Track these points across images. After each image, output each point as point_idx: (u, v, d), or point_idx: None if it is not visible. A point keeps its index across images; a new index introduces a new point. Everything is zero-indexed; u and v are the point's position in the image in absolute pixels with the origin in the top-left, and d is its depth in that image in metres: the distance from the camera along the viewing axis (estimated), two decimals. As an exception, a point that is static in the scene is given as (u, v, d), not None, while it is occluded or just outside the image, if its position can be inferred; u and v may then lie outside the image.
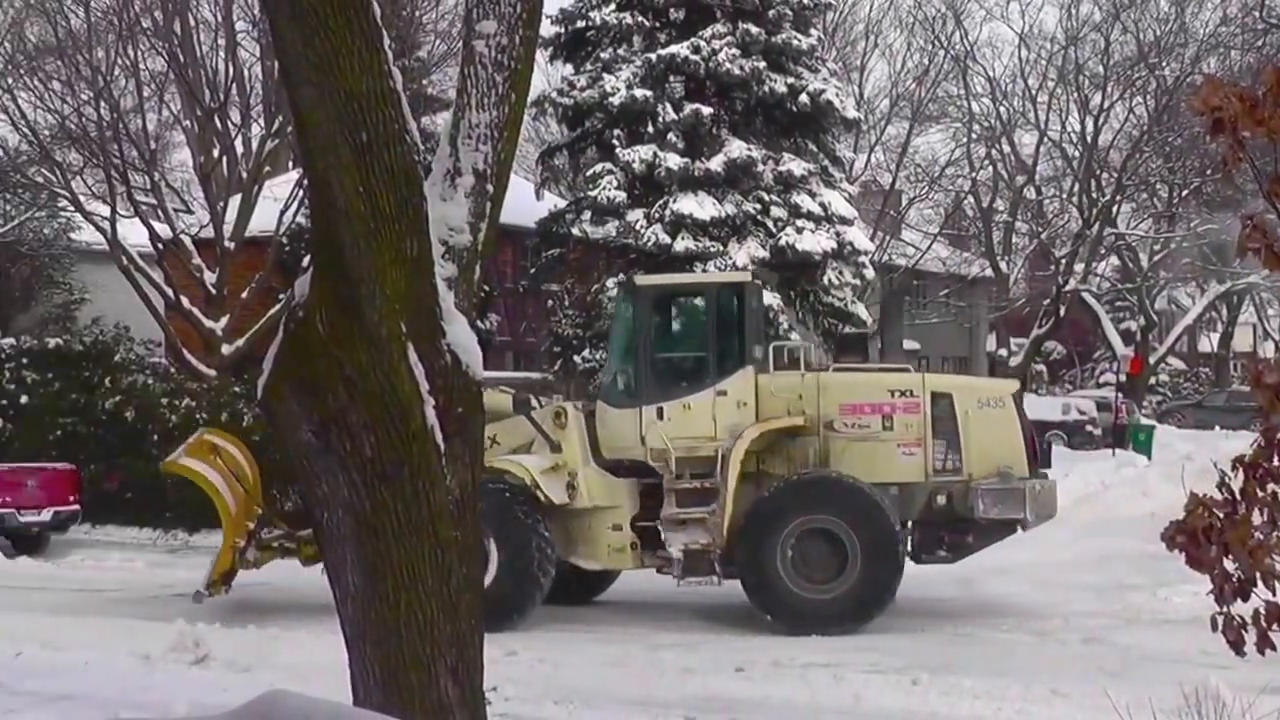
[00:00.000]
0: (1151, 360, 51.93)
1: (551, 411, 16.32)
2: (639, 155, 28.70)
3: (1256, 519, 5.63)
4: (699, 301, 17.24)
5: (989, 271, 47.41)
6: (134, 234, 32.03)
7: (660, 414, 15.77)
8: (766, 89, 29.39)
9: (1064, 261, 43.96)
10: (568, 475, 15.78)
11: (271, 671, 11.65)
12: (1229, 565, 5.66)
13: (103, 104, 30.62)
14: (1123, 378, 45.58)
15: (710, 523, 15.37)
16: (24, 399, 25.26)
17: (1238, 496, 5.67)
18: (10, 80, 33.05)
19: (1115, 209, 47.21)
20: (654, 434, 15.70)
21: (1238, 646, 5.72)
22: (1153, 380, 56.96)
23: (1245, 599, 5.66)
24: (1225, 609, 5.71)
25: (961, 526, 15.77)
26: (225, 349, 29.81)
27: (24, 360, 25.90)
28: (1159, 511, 8.21)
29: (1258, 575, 5.60)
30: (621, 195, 28.97)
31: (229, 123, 33.83)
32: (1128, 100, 46.13)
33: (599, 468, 16.06)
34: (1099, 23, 45.30)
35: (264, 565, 17.37)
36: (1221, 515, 5.65)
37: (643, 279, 18.50)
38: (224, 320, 30.18)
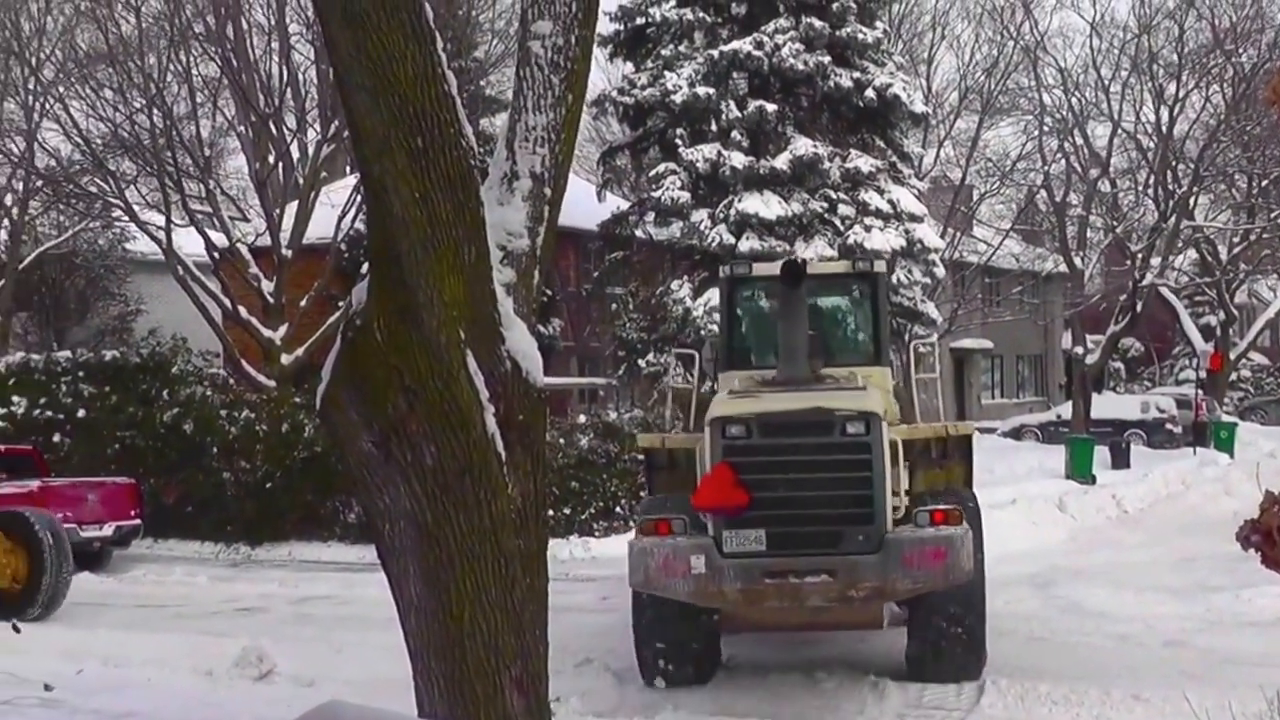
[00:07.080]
0: (1232, 356, 51.02)
1: None
2: (702, 154, 28.45)
3: (1337, 518, 5.44)
4: None
5: (1063, 267, 46.68)
6: (190, 243, 31.97)
7: None
8: (832, 84, 29.05)
9: (1140, 256, 43.12)
10: None
11: (336, 686, 11.50)
12: (1308, 566, 5.48)
13: (155, 111, 30.49)
14: (1203, 374, 44.81)
15: None
16: (81, 413, 25.06)
17: (1319, 495, 5.49)
18: (62, 89, 32.96)
19: (1192, 201, 46.35)
20: None
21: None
22: (1234, 376, 55.96)
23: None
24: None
25: None
26: (284, 359, 29.64)
27: (80, 374, 25.70)
28: (1242, 511, 7.95)
29: (1339, 577, 5.41)
30: (685, 195, 28.72)
31: (284, 128, 33.36)
32: (1204, 89, 45.15)
33: None
34: (1172, 10, 44.35)
35: None
36: (1301, 515, 5.47)
37: None
38: (282, 329, 29.97)
